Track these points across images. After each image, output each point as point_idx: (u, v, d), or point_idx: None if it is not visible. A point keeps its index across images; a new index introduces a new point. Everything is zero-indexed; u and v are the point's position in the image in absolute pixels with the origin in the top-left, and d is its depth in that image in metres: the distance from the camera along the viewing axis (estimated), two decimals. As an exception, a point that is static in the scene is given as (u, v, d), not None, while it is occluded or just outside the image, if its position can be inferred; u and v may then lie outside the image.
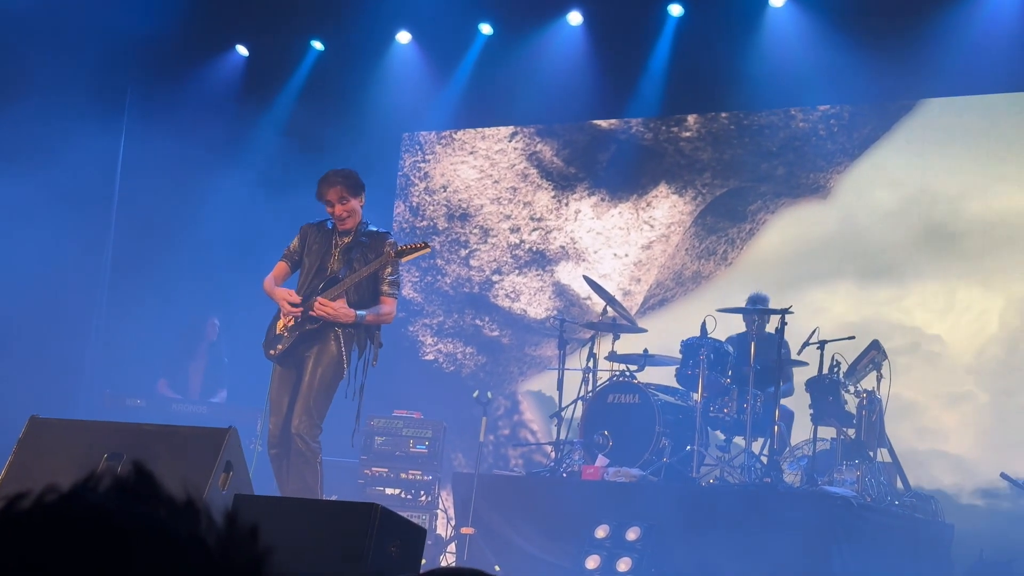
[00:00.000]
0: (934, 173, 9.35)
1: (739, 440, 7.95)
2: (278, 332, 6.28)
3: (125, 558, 0.80)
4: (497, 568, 7.21)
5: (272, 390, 6.27)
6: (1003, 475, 7.22)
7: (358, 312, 6.14)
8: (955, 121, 9.37)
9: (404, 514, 4.39)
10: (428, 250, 6.32)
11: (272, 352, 6.28)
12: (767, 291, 8.59)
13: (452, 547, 8.03)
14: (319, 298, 6.08)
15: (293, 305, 6.20)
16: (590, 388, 8.28)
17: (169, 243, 10.41)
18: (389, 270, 6.24)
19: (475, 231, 10.97)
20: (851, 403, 7.77)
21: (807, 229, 9.74)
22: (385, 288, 6.23)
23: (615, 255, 10.43)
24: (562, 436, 8.27)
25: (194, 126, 10.73)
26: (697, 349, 7.90)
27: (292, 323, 6.24)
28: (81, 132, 9.86)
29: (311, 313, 6.11)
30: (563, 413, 8.28)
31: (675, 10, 10.04)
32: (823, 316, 8.84)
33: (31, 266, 9.32)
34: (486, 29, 10.62)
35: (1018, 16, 8.95)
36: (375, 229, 6.38)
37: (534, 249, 10.73)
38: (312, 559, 3.64)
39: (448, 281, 11.01)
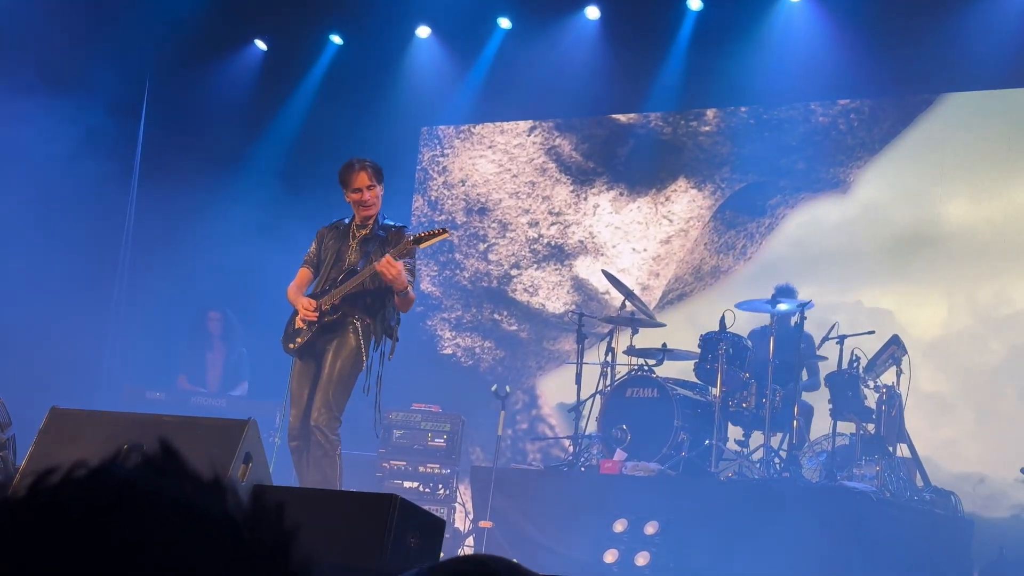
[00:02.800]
0: (954, 168, 9.30)
1: (758, 435, 7.93)
2: (297, 326, 6.30)
3: (155, 532, 0.80)
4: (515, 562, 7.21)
5: (292, 383, 6.28)
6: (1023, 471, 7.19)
7: (404, 290, 6.10)
8: (975, 115, 9.32)
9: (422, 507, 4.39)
10: (447, 235, 6.27)
11: (291, 346, 6.30)
12: (789, 284, 8.56)
13: (470, 541, 8.05)
14: (387, 256, 6.01)
15: (310, 310, 6.19)
16: (608, 382, 8.28)
17: (187, 235, 10.43)
18: (407, 259, 6.22)
19: (493, 225, 10.97)
20: (871, 398, 7.75)
21: (827, 224, 9.70)
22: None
23: (634, 249, 10.41)
24: (580, 430, 8.26)
25: (212, 120, 10.77)
26: (716, 343, 7.89)
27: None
28: (99, 125, 9.90)
29: (378, 268, 6.04)
30: (581, 407, 8.28)
31: (694, 4, 10.02)
32: (843, 311, 8.81)
33: (50, 258, 9.36)
34: (505, 23, 10.61)
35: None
36: (392, 223, 6.38)
37: (552, 243, 10.72)
38: (331, 550, 3.65)
39: (466, 275, 11.01)
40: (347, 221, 6.41)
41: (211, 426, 4.97)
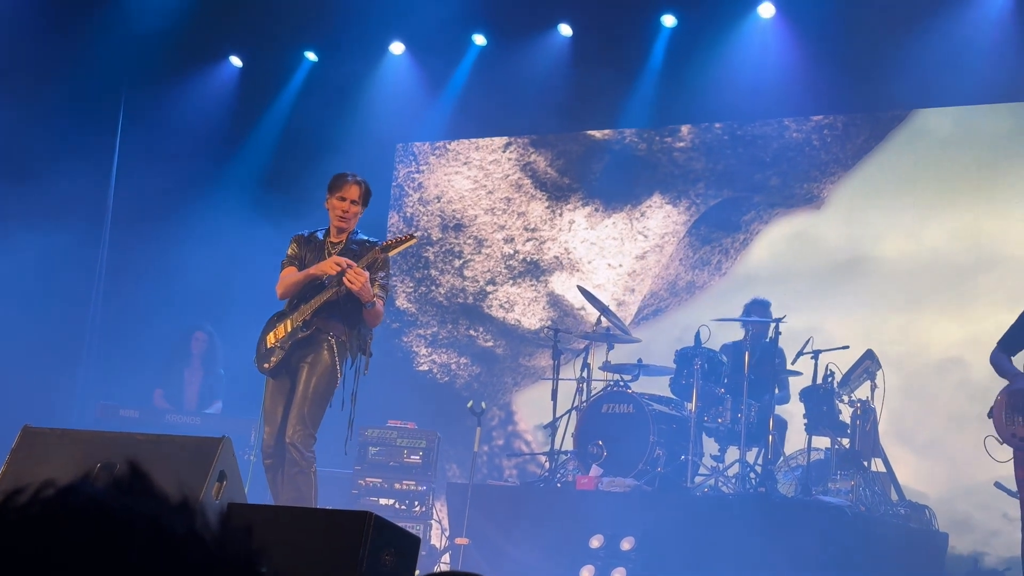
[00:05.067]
0: (926, 184, 9.37)
1: (733, 450, 7.95)
2: (270, 345, 6.25)
3: (122, 551, 0.80)
4: (491, 578, 7.21)
5: (266, 400, 6.24)
6: (997, 484, 7.23)
7: (371, 302, 6.07)
8: (946, 131, 9.39)
9: (398, 524, 4.38)
10: (415, 241, 6.25)
11: (266, 366, 6.25)
12: (764, 298, 8.59)
13: (446, 557, 8.03)
14: (356, 267, 6.00)
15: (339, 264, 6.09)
16: (584, 398, 8.28)
17: (163, 253, 10.39)
18: (382, 273, 6.19)
19: (469, 241, 10.98)
20: (845, 413, 7.78)
21: (801, 239, 9.75)
22: (375, 290, 6.18)
23: (609, 265, 10.43)
24: (556, 446, 8.26)
25: (188, 137, 10.74)
26: (691, 359, 7.91)
27: (283, 334, 6.21)
28: (75, 142, 9.87)
29: (345, 280, 6.00)
30: (557, 423, 8.28)
31: (668, 21, 10.06)
32: (817, 325, 8.84)
33: (25, 275, 9.31)
34: (480, 40, 10.63)
35: (1010, 26, 8.98)
36: (366, 238, 6.36)
37: (528, 259, 10.73)
38: (305, 568, 3.63)
39: (442, 292, 11.00)
40: (320, 236, 6.38)
41: (185, 444, 4.94)
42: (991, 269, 8.99)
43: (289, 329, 6.18)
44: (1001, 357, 6.58)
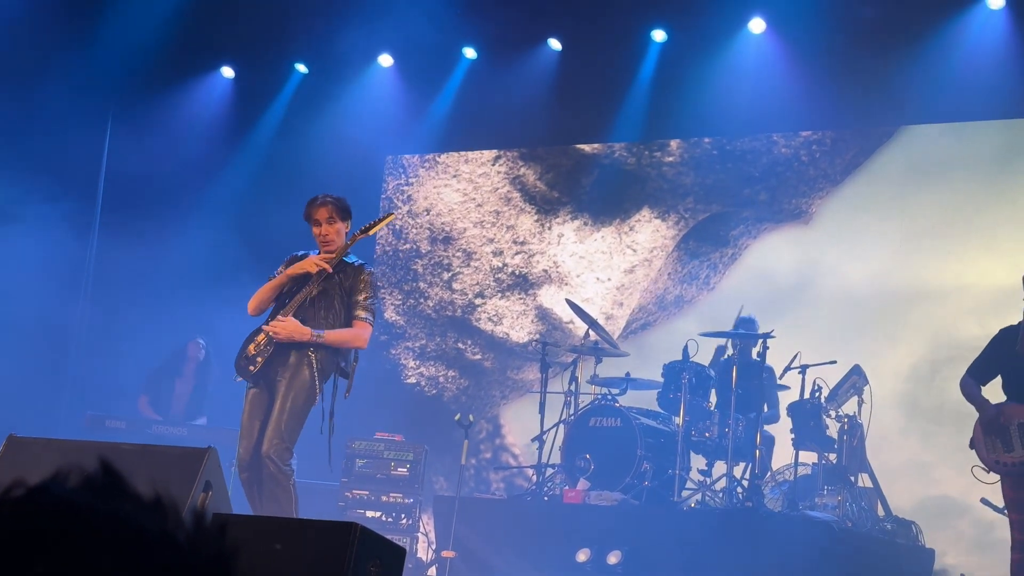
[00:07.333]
0: (913, 200, 9.39)
1: (721, 464, 7.95)
2: (251, 353, 6.19)
3: (93, 551, 0.79)
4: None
5: (244, 414, 6.17)
6: (983, 500, 7.24)
7: (314, 331, 6.03)
8: (934, 148, 9.42)
9: (384, 537, 4.37)
10: (392, 218, 6.31)
11: (252, 369, 6.18)
12: (750, 315, 8.60)
13: (433, 570, 8.02)
14: (277, 318, 6.01)
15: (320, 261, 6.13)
16: (572, 411, 8.28)
17: (152, 263, 10.37)
18: (365, 295, 6.13)
19: (458, 254, 10.98)
20: (832, 428, 7.78)
21: (789, 254, 9.76)
22: (359, 312, 6.10)
23: (598, 279, 10.44)
24: (544, 459, 8.25)
25: (179, 146, 10.73)
26: (679, 373, 7.92)
27: (263, 340, 6.15)
28: (64, 149, 9.85)
29: (270, 329, 6.01)
30: (545, 436, 8.28)
31: (658, 36, 10.08)
32: (805, 341, 8.84)
33: (11, 285, 9.29)
34: (470, 53, 10.64)
35: (998, 43, 9.02)
36: (353, 261, 6.32)
37: (517, 273, 10.73)
38: (290, 579, 3.62)
39: (431, 304, 11.00)
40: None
41: (171, 455, 4.94)
42: (977, 287, 9.01)
43: (270, 337, 6.14)
44: (971, 384, 6.71)
